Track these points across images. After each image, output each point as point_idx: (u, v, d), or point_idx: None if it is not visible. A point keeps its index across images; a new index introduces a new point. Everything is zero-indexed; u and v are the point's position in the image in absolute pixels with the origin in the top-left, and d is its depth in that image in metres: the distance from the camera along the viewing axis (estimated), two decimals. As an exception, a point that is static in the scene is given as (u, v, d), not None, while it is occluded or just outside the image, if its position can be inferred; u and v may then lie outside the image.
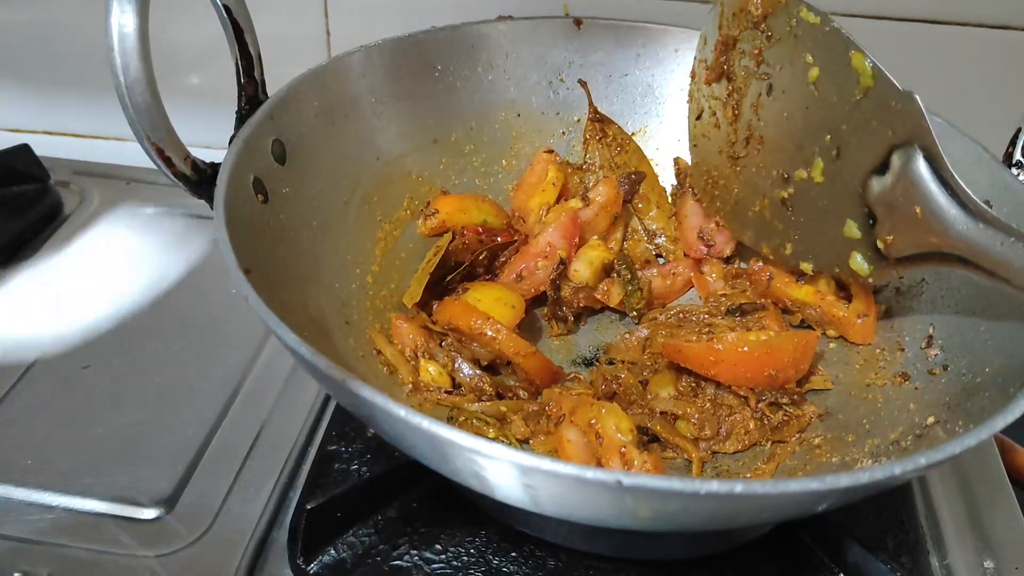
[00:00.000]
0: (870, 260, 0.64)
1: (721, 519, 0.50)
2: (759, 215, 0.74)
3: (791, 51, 0.68)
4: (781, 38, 0.68)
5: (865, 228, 0.64)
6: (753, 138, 0.73)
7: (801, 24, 0.66)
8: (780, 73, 0.69)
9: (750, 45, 0.71)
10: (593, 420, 0.61)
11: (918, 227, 0.59)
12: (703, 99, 0.78)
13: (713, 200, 0.79)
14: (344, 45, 0.77)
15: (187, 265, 0.88)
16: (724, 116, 0.75)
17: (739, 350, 0.65)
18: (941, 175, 0.58)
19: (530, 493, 0.46)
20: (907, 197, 0.59)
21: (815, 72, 0.66)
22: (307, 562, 0.60)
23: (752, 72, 0.72)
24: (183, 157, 0.59)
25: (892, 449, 0.59)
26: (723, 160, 0.77)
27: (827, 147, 0.66)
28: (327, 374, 0.46)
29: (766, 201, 0.73)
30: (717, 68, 0.75)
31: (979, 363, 0.61)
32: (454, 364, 0.67)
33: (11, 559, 0.60)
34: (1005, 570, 0.64)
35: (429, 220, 0.77)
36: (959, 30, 0.89)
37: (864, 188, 0.63)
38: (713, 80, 0.76)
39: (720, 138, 0.77)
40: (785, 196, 0.71)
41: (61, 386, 0.73)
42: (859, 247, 0.65)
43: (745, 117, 0.73)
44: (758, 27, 0.70)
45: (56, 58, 1.04)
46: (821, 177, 0.67)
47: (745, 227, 0.76)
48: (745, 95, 0.73)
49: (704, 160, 0.80)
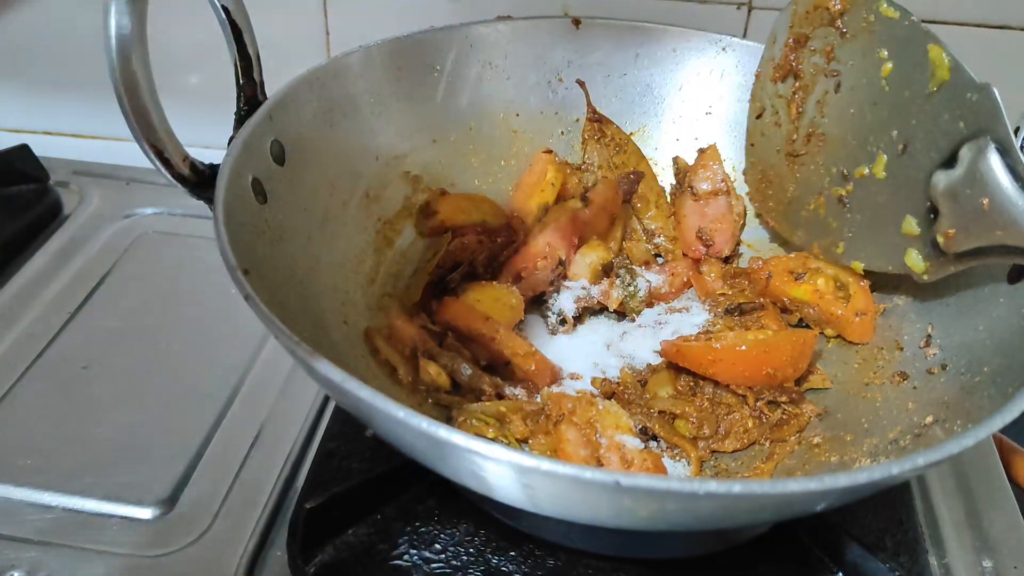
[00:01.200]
0: (926, 256, 0.64)
1: (720, 519, 0.50)
2: (813, 214, 0.74)
3: (865, 47, 0.68)
4: (856, 34, 0.69)
5: (925, 224, 0.64)
6: (815, 135, 0.73)
7: (879, 19, 0.66)
8: (851, 69, 0.70)
9: (822, 42, 0.71)
10: (593, 419, 0.62)
11: (984, 219, 0.58)
12: (766, 98, 0.78)
13: (766, 199, 0.79)
14: (343, 45, 0.77)
15: (187, 265, 0.88)
16: (787, 114, 0.75)
17: (737, 349, 0.65)
18: (1014, 167, 0.57)
19: (529, 493, 0.46)
20: (975, 189, 0.58)
21: (888, 67, 0.66)
22: (306, 561, 0.60)
23: (821, 69, 0.72)
24: (182, 158, 0.59)
25: (891, 448, 0.60)
26: (780, 159, 0.77)
27: (893, 142, 0.66)
28: (326, 375, 0.46)
29: (822, 199, 0.73)
30: (785, 66, 0.75)
31: (978, 362, 0.61)
32: (453, 364, 0.67)
33: (11, 559, 0.60)
34: (1004, 569, 0.64)
35: (428, 220, 0.77)
36: (959, 30, 0.89)
37: (928, 183, 0.63)
38: (780, 78, 0.76)
39: (780, 136, 0.77)
40: (843, 194, 0.71)
41: (61, 386, 0.73)
42: (916, 243, 0.65)
43: (809, 115, 0.73)
44: (833, 24, 0.70)
45: (56, 58, 1.04)
46: (883, 173, 0.67)
47: (797, 226, 0.76)
48: (811, 92, 0.73)
49: (760, 160, 0.80)
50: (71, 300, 0.83)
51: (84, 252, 0.89)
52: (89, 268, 0.87)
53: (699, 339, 0.70)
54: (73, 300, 0.83)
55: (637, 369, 0.72)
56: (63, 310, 0.81)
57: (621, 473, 0.41)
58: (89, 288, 0.84)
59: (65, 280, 0.85)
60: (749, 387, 0.66)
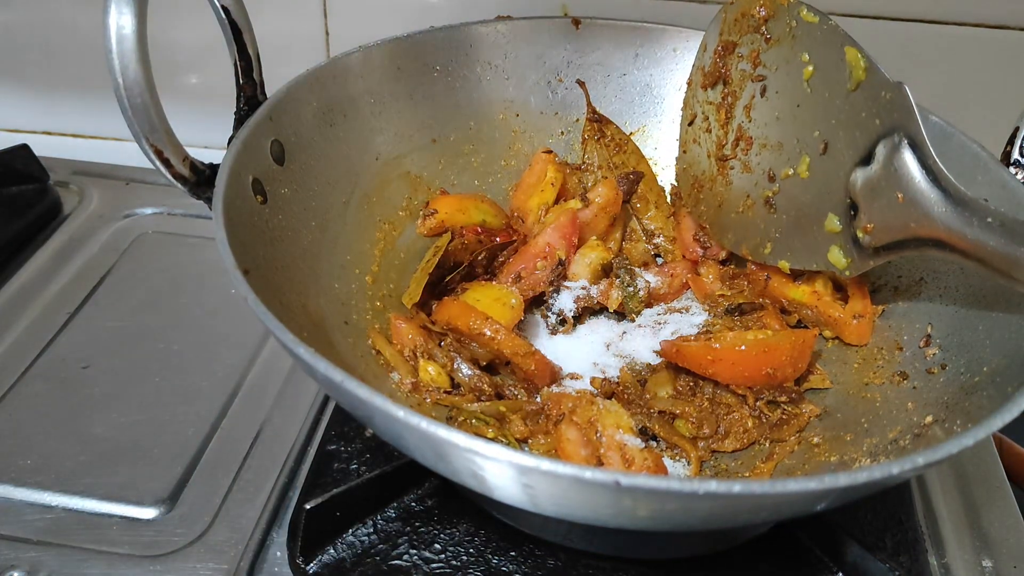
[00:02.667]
0: (847, 253, 0.66)
1: (720, 519, 0.50)
2: (742, 216, 0.76)
3: (788, 51, 0.70)
4: (780, 39, 0.71)
5: (846, 220, 0.66)
6: (743, 139, 0.75)
7: (800, 24, 0.69)
8: (775, 74, 0.72)
9: (748, 48, 0.74)
10: (593, 419, 0.62)
11: (899, 212, 0.60)
12: (697, 105, 0.80)
13: (698, 204, 0.81)
14: (343, 46, 0.77)
15: (186, 265, 0.88)
16: (716, 119, 0.78)
17: (737, 349, 0.65)
18: (925, 161, 0.59)
19: (528, 493, 0.46)
20: (890, 183, 0.61)
21: (809, 70, 0.68)
22: (306, 562, 0.60)
23: (748, 75, 0.74)
24: (182, 158, 0.60)
25: (890, 448, 0.60)
26: (711, 164, 0.79)
27: (815, 142, 0.68)
28: (326, 375, 0.46)
29: (750, 201, 0.74)
30: (715, 73, 0.77)
31: (977, 362, 0.61)
32: (453, 364, 0.67)
33: (11, 559, 0.60)
34: (1003, 569, 0.64)
35: (428, 220, 0.77)
36: (958, 30, 0.89)
37: (848, 180, 0.65)
38: (710, 85, 0.78)
39: (710, 142, 0.79)
40: (770, 195, 0.72)
41: (61, 386, 0.73)
42: (838, 240, 0.67)
43: (737, 119, 0.76)
44: (758, 30, 0.72)
45: (56, 58, 1.04)
46: (807, 173, 0.69)
47: (726, 230, 0.78)
48: (739, 98, 0.75)
49: (692, 165, 0.82)
50: (71, 300, 0.83)
51: (84, 252, 0.89)
52: (89, 268, 0.87)
53: (699, 339, 0.70)
54: (73, 300, 0.83)
55: (637, 369, 0.72)
56: (63, 310, 0.81)
57: (621, 473, 0.41)
58: (89, 288, 0.84)
59: (65, 280, 0.85)
60: (749, 387, 0.66)
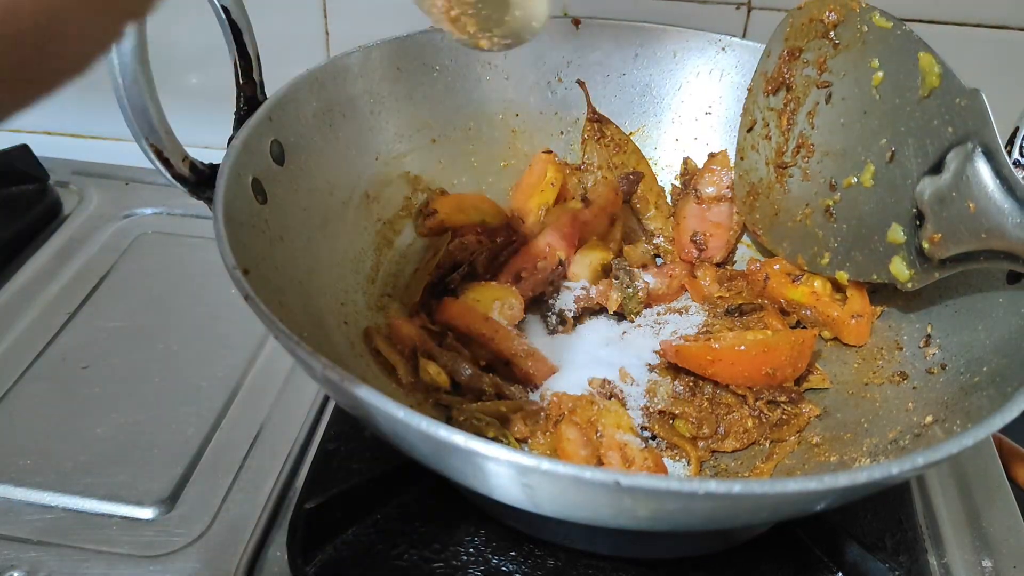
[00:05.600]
0: (911, 264, 0.64)
1: (720, 519, 0.50)
2: (799, 225, 0.74)
3: (857, 57, 0.68)
4: (849, 45, 0.69)
5: (910, 231, 0.64)
6: (805, 146, 0.73)
7: (872, 29, 0.67)
8: (842, 80, 0.70)
9: (815, 54, 0.72)
10: (593, 418, 0.62)
11: (970, 223, 0.58)
12: (758, 111, 0.78)
13: (753, 211, 0.79)
14: (343, 46, 0.77)
15: (186, 265, 0.88)
16: (777, 126, 0.76)
17: (736, 349, 0.65)
18: (1000, 170, 0.57)
19: (528, 493, 0.46)
20: (961, 193, 0.59)
21: (879, 76, 0.66)
22: (306, 562, 0.60)
23: (813, 81, 0.72)
24: (181, 158, 0.60)
25: (890, 448, 0.60)
26: (769, 171, 0.77)
27: (881, 151, 0.66)
28: (326, 374, 0.46)
29: (809, 210, 0.73)
30: (778, 78, 0.75)
31: (977, 362, 0.61)
32: (454, 364, 0.67)
33: (11, 559, 0.60)
34: (1003, 569, 0.64)
35: (428, 220, 0.77)
36: (958, 30, 0.89)
37: (914, 189, 0.63)
38: (772, 91, 0.76)
39: (769, 149, 0.77)
40: (830, 204, 0.71)
41: (61, 386, 0.73)
42: (901, 251, 0.65)
43: (799, 126, 0.74)
44: (826, 35, 0.70)
45: (55, 58, 1.04)
46: (871, 182, 0.67)
47: (782, 239, 0.76)
48: (802, 104, 0.74)
49: (749, 172, 0.80)
50: (71, 300, 0.82)
51: (84, 252, 0.89)
52: (89, 268, 0.87)
53: (698, 339, 0.70)
54: (73, 300, 0.82)
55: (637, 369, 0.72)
56: (63, 310, 0.81)
57: (621, 473, 0.41)
58: (89, 288, 0.84)
59: (65, 280, 0.85)
60: (749, 387, 0.67)
